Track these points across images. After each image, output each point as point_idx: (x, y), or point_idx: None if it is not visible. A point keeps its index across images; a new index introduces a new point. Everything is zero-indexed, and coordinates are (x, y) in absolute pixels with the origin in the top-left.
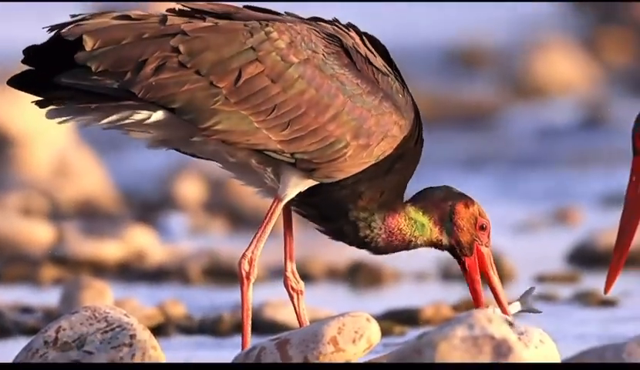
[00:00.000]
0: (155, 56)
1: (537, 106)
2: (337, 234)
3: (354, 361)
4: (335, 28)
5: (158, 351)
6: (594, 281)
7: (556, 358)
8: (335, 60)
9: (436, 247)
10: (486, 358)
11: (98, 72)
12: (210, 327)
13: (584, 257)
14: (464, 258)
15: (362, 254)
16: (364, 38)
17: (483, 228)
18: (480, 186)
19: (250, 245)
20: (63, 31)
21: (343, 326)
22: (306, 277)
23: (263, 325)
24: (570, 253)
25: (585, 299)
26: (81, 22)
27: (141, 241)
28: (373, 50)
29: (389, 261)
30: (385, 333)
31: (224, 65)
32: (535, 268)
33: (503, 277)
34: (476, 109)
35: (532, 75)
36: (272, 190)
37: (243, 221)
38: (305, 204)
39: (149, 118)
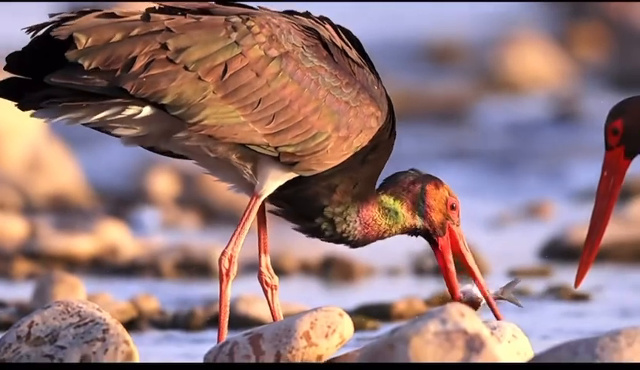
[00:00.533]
0: (144, 53)
1: (509, 101)
2: (314, 232)
3: (326, 356)
4: (311, 20)
5: (131, 345)
6: (566, 276)
7: (529, 353)
8: (313, 53)
9: (410, 234)
10: (458, 352)
11: (89, 70)
12: (182, 322)
13: (557, 252)
14: (437, 239)
15: (335, 249)
16: (339, 30)
17: (453, 207)
18: (452, 180)
19: (229, 242)
20: (53, 31)
21: (316, 321)
22: (279, 271)
23: (236, 320)
24: (542, 248)
25: (558, 293)
26: (65, 22)
27: (113, 236)
28: (348, 42)
29: (361, 256)
30: (357, 328)
31: (211, 60)
32: (508, 263)
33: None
34: (449, 104)
35: (504, 70)
36: (249, 185)
37: (215, 216)
38: (280, 199)
39: (139, 113)
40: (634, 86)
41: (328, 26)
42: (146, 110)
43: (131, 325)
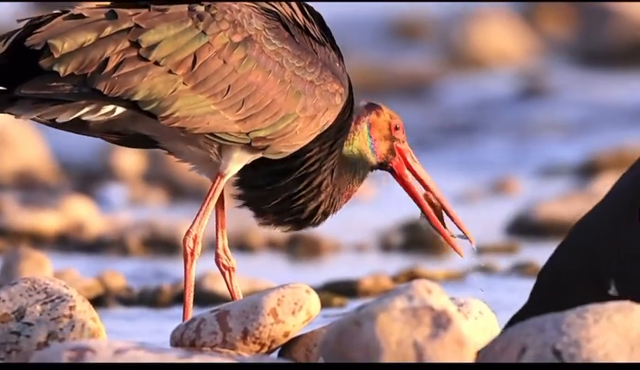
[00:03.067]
0: (116, 52)
1: (475, 77)
2: (303, 227)
3: (293, 332)
4: (271, 1)
5: (98, 322)
6: (532, 252)
7: (495, 330)
8: (275, 35)
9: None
10: (425, 329)
11: (63, 77)
12: (149, 299)
13: (523, 228)
14: (390, 163)
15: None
16: (303, 6)
17: (397, 128)
18: (418, 156)
19: (193, 222)
20: (27, 41)
21: (283, 298)
22: (245, 248)
23: (203, 297)
24: (508, 224)
25: (524, 270)
26: (35, 29)
27: (80, 212)
28: (311, 18)
29: (328, 233)
30: (324, 304)
31: (181, 52)
32: (474, 239)
33: (442, 248)
34: (414, 80)
35: (470, 46)
36: (211, 167)
37: (181, 192)
38: (268, 213)
39: (113, 112)
40: (600, 62)
41: (292, 3)
42: (120, 108)
43: (98, 302)
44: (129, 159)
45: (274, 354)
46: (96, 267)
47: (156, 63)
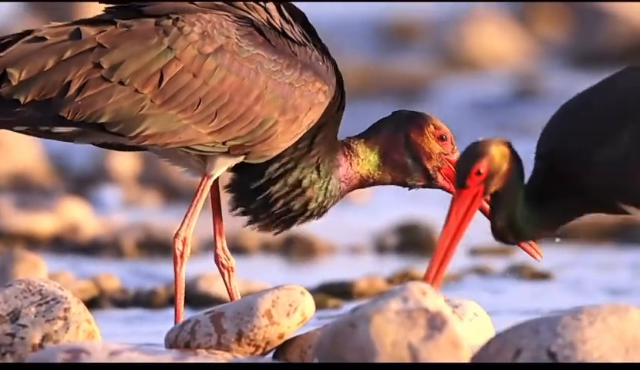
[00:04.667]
0: (78, 75)
1: (469, 79)
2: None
3: (288, 334)
4: (248, 4)
5: (92, 324)
6: (527, 254)
7: (490, 332)
8: (249, 41)
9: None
10: (420, 331)
11: (25, 104)
12: (144, 301)
13: None
14: (438, 177)
15: (296, 227)
16: (282, 7)
17: (443, 138)
18: None
19: (182, 224)
20: None
21: (277, 299)
22: (240, 250)
23: (197, 298)
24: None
25: (519, 272)
26: None
27: (75, 214)
28: (291, 19)
29: (323, 234)
30: (319, 306)
31: (146, 70)
32: (469, 241)
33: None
34: (409, 82)
35: (465, 48)
36: (200, 168)
37: (176, 194)
38: (261, 216)
39: (81, 133)
40: (595, 64)
41: (269, 5)
42: (87, 129)
43: (92, 304)
44: (124, 162)
45: (269, 356)
46: (91, 268)
47: (121, 83)
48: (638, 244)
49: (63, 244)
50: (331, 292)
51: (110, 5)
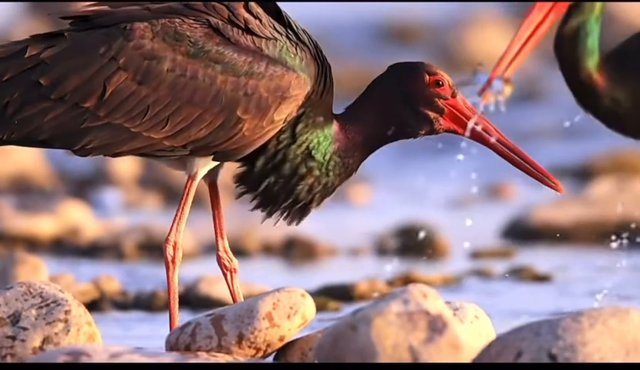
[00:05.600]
0: (16, 96)
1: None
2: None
3: (288, 336)
4: (208, 4)
5: (93, 326)
6: (528, 256)
7: (491, 334)
8: (204, 42)
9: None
10: (421, 333)
11: None
12: (144, 303)
13: (518, 233)
14: (442, 120)
15: (297, 230)
16: (249, 4)
17: (440, 84)
18: (413, 161)
19: (170, 229)
20: None
21: (278, 302)
22: (241, 252)
23: (198, 301)
24: (504, 229)
25: (520, 274)
26: None
27: (75, 216)
28: (260, 14)
29: (323, 237)
30: (320, 308)
31: (88, 84)
32: (469, 244)
33: (437, 253)
34: None
35: (465, 50)
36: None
37: (176, 197)
38: (268, 207)
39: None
40: None
41: (231, 3)
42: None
43: (93, 306)
44: (124, 164)
45: (270, 359)
46: (92, 271)
47: (61, 99)
48: (639, 246)
49: (64, 247)
50: (331, 294)
51: (70, 17)
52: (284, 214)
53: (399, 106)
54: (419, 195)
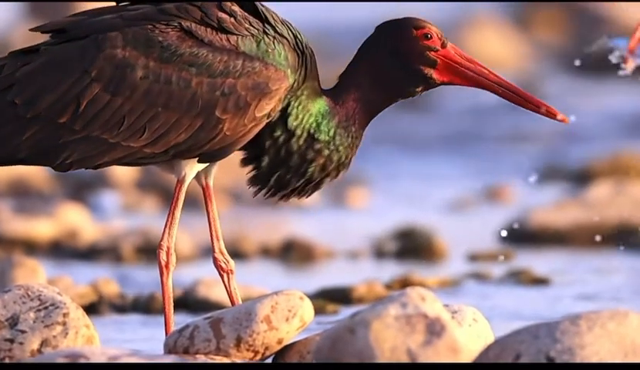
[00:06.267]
0: None
1: None
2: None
3: (287, 339)
4: (180, 6)
5: (91, 329)
6: (527, 259)
7: (489, 337)
8: (177, 46)
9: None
10: (419, 336)
11: None
12: (143, 306)
13: (517, 236)
14: (435, 73)
15: (295, 232)
16: (222, 3)
17: (428, 37)
18: (412, 163)
19: (163, 235)
20: None
21: (276, 304)
22: (239, 255)
23: (196, 304)
24: (502, 232)
25: (518, 277)
26: None
27: (73, 219)
28: (235, 10)
29: (321, 240)
30: (318, 311)
31: (62, 99)
32: (468, 246)
33: (436, 255)
34: None
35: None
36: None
37: None
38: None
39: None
40: (593, 69)
41: (203, 4)
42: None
43: (91, 309)
44: (122, 167)
45: (268, 361)
46: (90, 274)
47: (36, 117)
48: (637, 249)
49: (62, 249)
50: (330, 297)
51: (49, 30)
52: (302, 193)
53: (390, 66)
54: (417, 198)
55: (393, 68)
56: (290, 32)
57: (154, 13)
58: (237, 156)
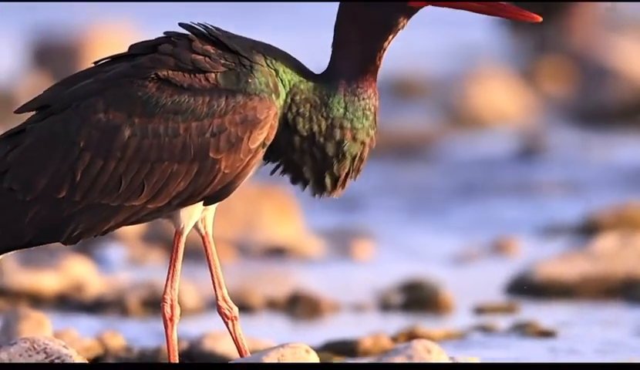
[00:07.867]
0: None
1: (474, 136)
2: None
3: None
4: (152, 57)
5: None
6: (532, 312)
7: None
8: (158, 98)
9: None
10: None
11: None
12: (148, 359)
13: (523, 288)
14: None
15: (301, 286)
16: (192, 43)
17: None
18: (416, 216)
19: (165, 288)
20: None
21: (282, 357)
22: (245, 307)
23: (203, 357)
24: (508, 284)
25: (524, 330)
26: None
27: (79, 272)
28: (207, 49)
29: (327, 293)
30: None
31: (57, 175)
32: (473, 299)
33: (441, 308)
34: (412, 139)
35: (469, 105)
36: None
37: None
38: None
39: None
40: (599, 121)
41: (174, 49)
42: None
43: (97, 362)
44: None
45: None
46: (96, 327)
47: (35, 198)
48: None
49: (68, 302)
50: (336, 350)
51: (30, 108)
52: (354, 172)
53: (365, 9)
54: (423, 251)
55: (369, 9)
56: (260, 52)
57: (129, 70)
58: (241, 209)
